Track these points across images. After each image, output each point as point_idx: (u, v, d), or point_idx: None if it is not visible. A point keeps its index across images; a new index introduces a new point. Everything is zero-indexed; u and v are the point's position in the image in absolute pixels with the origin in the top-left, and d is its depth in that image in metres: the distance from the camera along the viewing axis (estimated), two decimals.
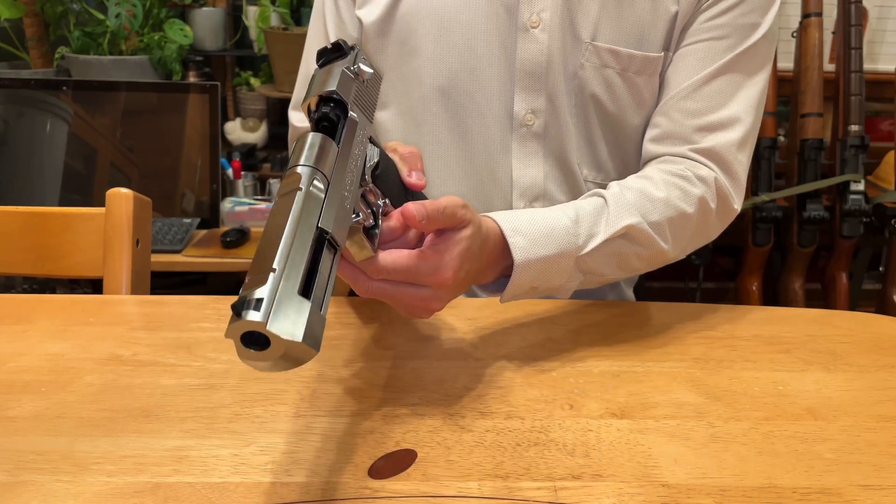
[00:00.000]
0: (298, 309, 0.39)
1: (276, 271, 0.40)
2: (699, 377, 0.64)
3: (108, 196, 0.86)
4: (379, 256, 0.54)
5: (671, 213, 0.74)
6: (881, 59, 2.17)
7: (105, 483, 0.50)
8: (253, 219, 1.96)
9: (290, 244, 0.42)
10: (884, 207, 1.83)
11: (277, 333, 0.38)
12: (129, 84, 1.96)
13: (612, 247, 0.71)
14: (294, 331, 0.38)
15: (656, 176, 0.77)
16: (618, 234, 0.71)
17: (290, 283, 0.40)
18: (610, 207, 0.72)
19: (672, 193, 0.75)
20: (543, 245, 0.66)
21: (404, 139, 0.86)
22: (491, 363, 0.66)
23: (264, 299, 0.38)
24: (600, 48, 0.81)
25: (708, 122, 0.79)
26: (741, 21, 0.79)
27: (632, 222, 0.71)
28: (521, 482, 0.50)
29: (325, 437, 0.55)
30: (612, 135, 0.85)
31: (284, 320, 0.38)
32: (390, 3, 0.83)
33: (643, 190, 0.74)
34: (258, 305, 0.38)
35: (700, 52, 0.80)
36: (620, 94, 0.83)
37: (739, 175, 0.81)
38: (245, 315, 0.38)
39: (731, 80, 0.79)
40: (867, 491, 0.50)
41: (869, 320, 0.76)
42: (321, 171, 0.47)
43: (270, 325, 0.37)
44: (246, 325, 0.38)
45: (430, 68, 0.83)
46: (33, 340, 0.70)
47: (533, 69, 0.81)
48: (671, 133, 0.81)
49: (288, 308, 0.39)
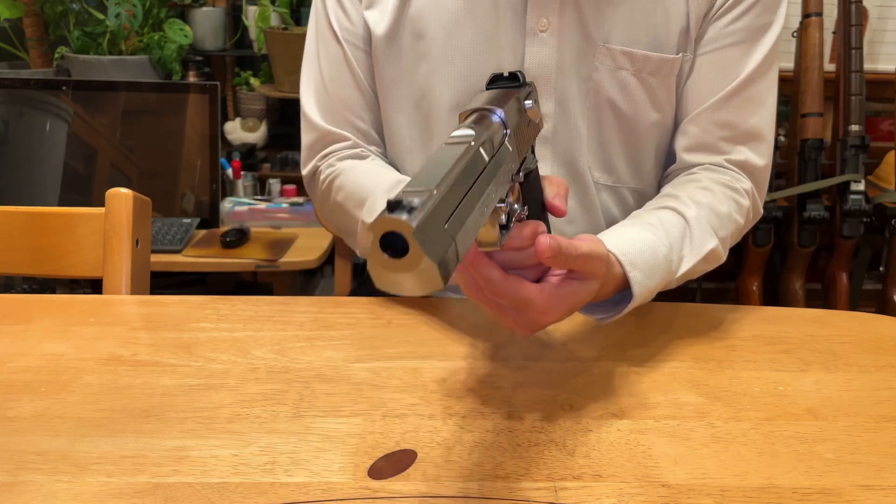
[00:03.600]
0: (442, 238, 0.38)
1: (435, 195, 0.38)
2: (699, 377, 0.64)
3: (108, 196, 0.86)
4: (500, 278, 0.55)
5: (732, 228, 0.79)
6: (881, 59, 2.17)
7: (105, 483, 0.49)
8: (253, 219, 1.96)
9: (455, 178, 0.40)
10: (884, 207, 1.83)
11: (420, 246, 0.35)
12: (128, 84, 1.96)
13: (694, 268, 0.74)
14: (434, 252, 0.36)
15: (716, 189, 0.80)
16: (703, 258, 0.74)
17: (442, 211, 0.38)
18: (692, 230, 0.74)
19: (731, 207, 0.80)
20: (652, 277, 0.67)
21: (415, 146, 0.86)
22: (491, 363, 0.66)
23: (421, 210, 0.36)
24: (614, 50, 0.80)
25: (740, 133, 0.83)
26: (758, 23, 0.81)
27: (712, 246, 0.75)
28: (521, 482, 0.50)
29: (325, 437, 0.55)
30: (625, 137, 0.85)
31: (430, 238, 0.36)
32: (398, 6, 0.82)
33: (712, 206, 0.77)
34: (413, 212, 0.36)
35: (725, 60, 0.82)
36: (636, 95, 0.82)
37: (764, 186, 0.86)
38: (399, 214, 0.36)
39: (757, 87, 0.83)
40: (867, 491, 0.50)
41: (869, 320, 0.76)
42: (511, 131, 0.48)
43: (416, 234, 0.35)
44: (395, 223, 0.35)
45: (439, 74, 0.82)
46: (33, 340, 0.70)
47: (541, 73, 0.81)
48: (705, 144, 0.84)
49: (434, 231, 0.37)
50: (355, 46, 0.86)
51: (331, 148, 0.87)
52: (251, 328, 0.72)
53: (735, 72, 0.82)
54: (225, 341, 0.69)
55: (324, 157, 0.88)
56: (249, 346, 0.68)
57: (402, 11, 0.82)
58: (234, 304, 0.77)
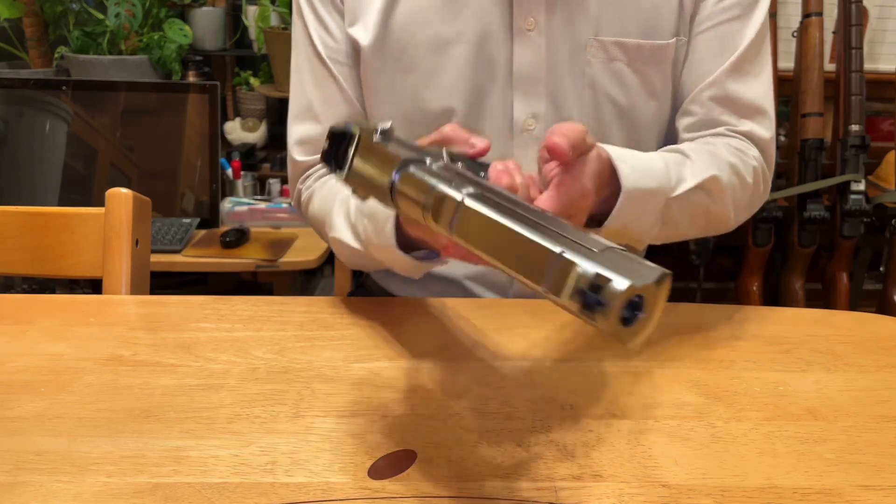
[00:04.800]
0: (609, 255, 0.35)
1: (567, 249, 0.35)
2: (699, 377, 0.64)
3: (108, 196, 0.86)
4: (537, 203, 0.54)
5: (736, 181, 0.77)
6: (881, 58, 2.17)
7: (104, 483, 0.49)
8: (252, 219, 1.96)
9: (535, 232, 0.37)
10: (884, 207, 1.83)
11: (645, 284, 0.33)
12: (128, 84, 1.96)
13: (695, 196, 0.73)
14: (641, 272, 0.34)
15: (718, 143, 0.80)
16: (703, 182, 0.73)
17: (584, 248, 0.35)
18: (692, 159, 0.74)
19: (736, 160, 0.78)
20: (646, 177, 0.66)
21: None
22: (491, 363, 0.66)
23: (603, 270, 0.33)
24: (605, 42, 0.80)
25: (741, 106, 0.82)
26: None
27: (715, 174, 0.74)
28: (521, 482, 0.50)
29: (325, 437, 0.55)
30: (624, 128, 0.84)
31: (627, 271, 0.33)
32: (382, 18, 0.81)
33: (713, 152, 0.77)
34: (602, 278, 0.33)
35: (722, 36, 0.82)
36: (632, 86, 0.82)
37: (772, 160, 0.85)
38: (614, 287, 0.32)
39: (755, 59, 0.83)
40: (868, 491, 0.50)
41: (869, 320, 0.76)
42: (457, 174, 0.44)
43: (634, 280, 0.33)
44: (624, 294, 0.32)
45: (427, 82, 0.82)
46: (33, 340, 0.70)
47: (531, 73, 0.80)
48: (708, 121, 0.83)
49: (612, 260, 0.34)
50: (340, 63, 0.85)
51: (308, 172, 0.89)
52: (251, 328, 0.72)
53: (733, 46, 0.82)
54: (225, 341, 0.69)
55: (303, 180, 0.89)
56: (249, 346, 0.68)
57: (387, 23, 0.81)
58: (233, 305, 0.77)
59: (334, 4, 0.84)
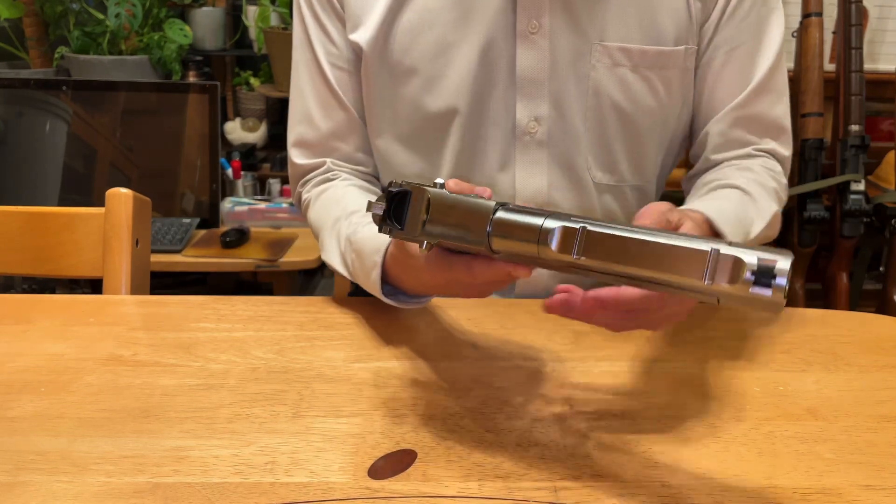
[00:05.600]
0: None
1: (715, 246, 0.42)
2: (699, 377, 0.64)
3: (108, 196, 0.86)
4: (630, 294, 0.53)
5: (778, 207, 0.82)
6: (881, 58, 2.17)
7: (104, 483, 0.49)
8: (252, 219, 1.96)
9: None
10: (884, 207, 1.83)
11: (792, 260, 0.41)
12: (128, 84, 1.96)
13: (762, 232, 0.76)
14: (777, 252, 0.41)
15: (755, 166, 0.83)
16: (770, 221, 0.77)
17: (724, 244, 0.42)
18: (753, 197, 0.77)
19: (775, 183, 0.83)
20: (735, 229, 0.70)
21: (407, 158, 0.86)
22: (491, 363, 0.66)
23: (762, 254, 0.41)
24: (610, 47, 0.80)
25: (765, 126, 0.86)
26: (764, 11, 0.83)
27: (776, 209, 0.78)
28: (521, 482, 0.50)
29: (325, 437, 0.55)
30: (627, 134, 0.84)
31: (771, 253, 0.41)
32: (384, 23, 0.81)
33: (761, 183, 0.80)
34: (768, 261, 0.41)
35: (742, 59, 0.84)
36: (635, 91, 0.82)
37: (786, 176, 0.89)
38: (781, 267, 0.41)
39: (775, 78, 0.86)
40: (868, 491, 0.50)
41: (869, 320, 0.76)
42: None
43: (784, 258, 0.41)
44: (790, 270, 0.41)
45: (430, 86, 0.81)
46: (33, 340, 0.70)
47: (534, 76, 0.80)
48: (733, 141, 0.86)
49: (754, 248, 0.42)
50: (341, 69, 0.85)
51: (308, 176, 0.90)
52: (251, 328, 0.72)
53: (754, 67, 0.84)
54: (225, 341, 0.69)
55: (303, 184, 0.90)
56: (249, 346, 0.68)
57: (390, 28, 0.81)
58: (233, 304, 0.77)
59: (335, 11, 0.84)
